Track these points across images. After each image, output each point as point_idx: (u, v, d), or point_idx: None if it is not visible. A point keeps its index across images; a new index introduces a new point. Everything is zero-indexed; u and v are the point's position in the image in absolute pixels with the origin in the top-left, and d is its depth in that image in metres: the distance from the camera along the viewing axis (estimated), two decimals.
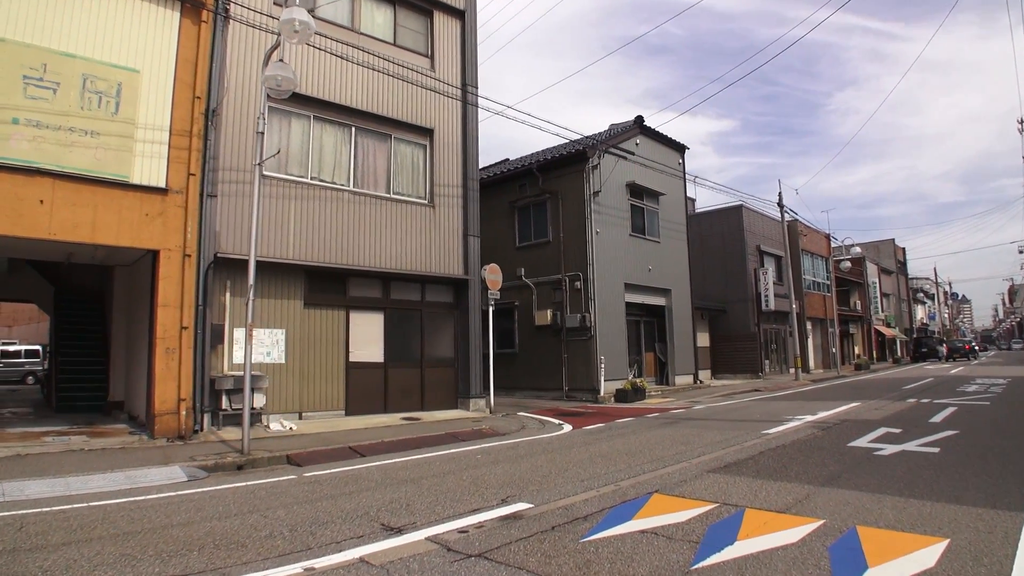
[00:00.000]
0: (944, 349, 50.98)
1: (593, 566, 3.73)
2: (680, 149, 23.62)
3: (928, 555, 3.79)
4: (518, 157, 24.77)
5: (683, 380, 22.22)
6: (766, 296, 29.14)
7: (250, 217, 11.66)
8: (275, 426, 11.23)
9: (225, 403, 11.00)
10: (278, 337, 11.99)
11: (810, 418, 11.33)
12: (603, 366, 17.73)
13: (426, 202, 14.28)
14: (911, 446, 7.67)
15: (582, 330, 18.23)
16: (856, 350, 46.41)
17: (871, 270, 50.49)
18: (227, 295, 11.45)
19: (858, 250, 37.14)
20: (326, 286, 12.79)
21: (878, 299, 51.76)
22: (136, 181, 10.31)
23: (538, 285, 19.57)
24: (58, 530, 4.73)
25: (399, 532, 4.53)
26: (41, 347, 28.33)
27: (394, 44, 14.35)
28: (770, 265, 30.41)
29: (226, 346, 11.41)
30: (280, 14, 9.50)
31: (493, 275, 14.95)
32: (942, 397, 15.00)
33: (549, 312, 18.84)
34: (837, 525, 4.35)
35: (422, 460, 8.08)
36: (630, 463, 7.13)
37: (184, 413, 10.25)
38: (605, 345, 18.31)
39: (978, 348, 63.81)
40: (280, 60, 9.44)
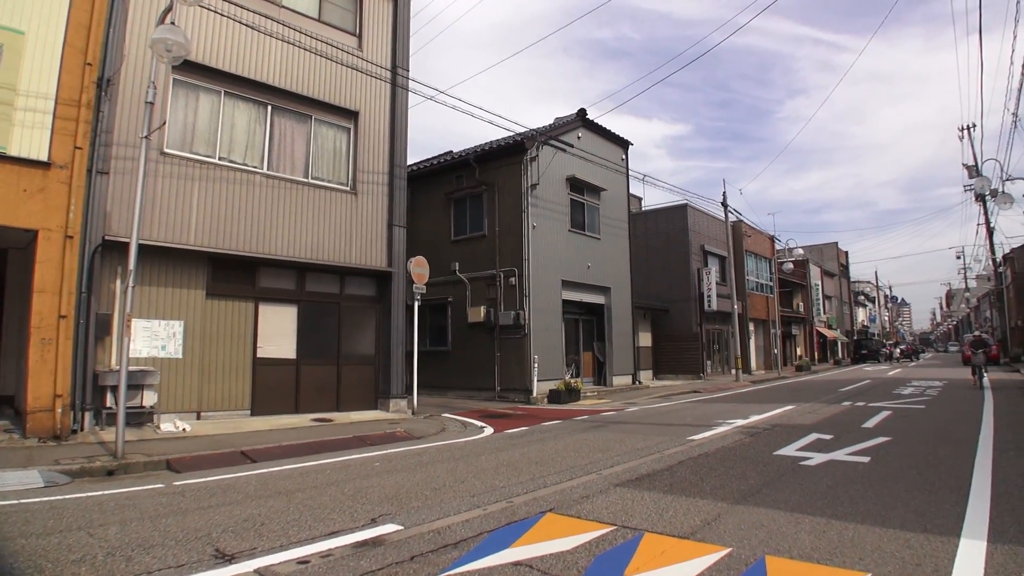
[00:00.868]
0: (896, 351, 52.83)
1: None
2: (624, 145, 23.29)
3: None
4: (462, 150, 24.15)
5: (621, 381, 21.91)
6: (709, 296, 29.11)
7: (149, 198, 10.87)
8: (167, 427, 10.37)
9: (110, 401, 10.10)
10: (175, 329, 11.11)
11: (741, 422, 11.02)
12: (536, 366, 17.25)
13: (348, 189, 13.51)
14: (840, 455, 7.33)
15: (516, 328, 17.69)
16: (798, 351, 47.15)
17: (814, 273, 51.39)
18: (117, 282, 10.52)
19: (800, 252, 37.52)
20: (233, 275, 11.93)
21: (820, 301, 52.76)
22: (14, 153, 9.37)
23: (473, 280, 18.97)
24: None
25: (229, 561, 3.90)
26: None
27: (319, 20, 13.54)
28: (714, 265, 30.41)
29: (115, 338, 10.48)
30: None
31: (419, 268, 14.28)
32: (878, 400, 14.95)
33: (483, 309, 18.25)
34: (745, 555, 3.86)
35: (312, 468, 7.42)
36: (536, 474, 6.60)
37: (60, 411, 9.36)
38: (540, 344, 17.82)
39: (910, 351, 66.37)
40: (172, 23, 8.58)
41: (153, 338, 10.93)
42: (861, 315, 76.34)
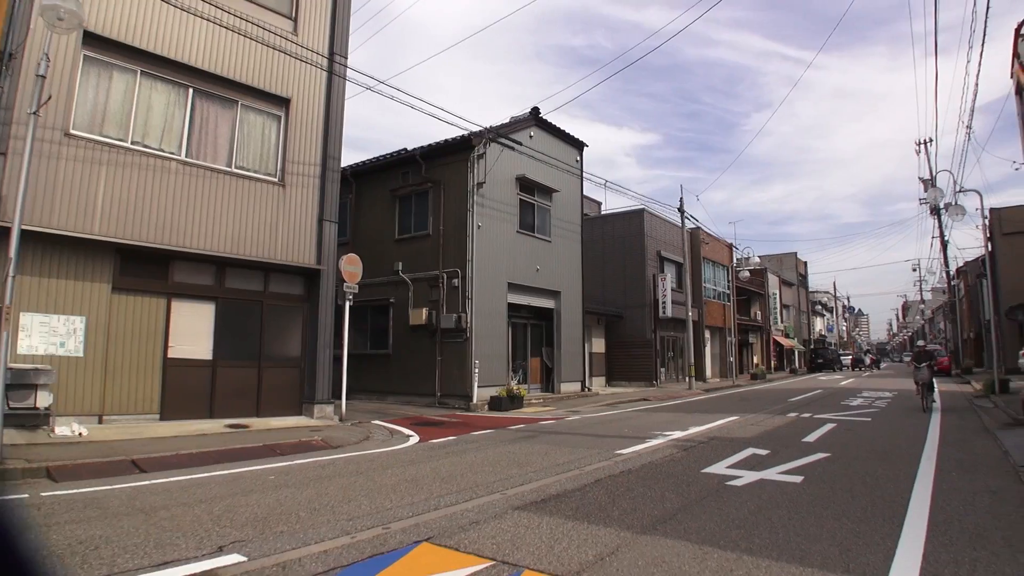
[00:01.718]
0: (867, 359, 53.73)
1: None
2: (579, 146, 22.96)
3: None
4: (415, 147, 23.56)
5: (570, 387, 21.54)
6: (664, 303, 28.97)
7: (50, 182, 10.13)
8: (63, 431, 9.62)
9: None
10: (76, 325, 10.35)
11: (679, 435, 10.67)
12: (477, 371, 16.76)
13: (276, 180, 12.86)
14: (772, 473, 6.97)
15: (457, 332, 17.18)
16: (755, 360, 47.46)
17: (772, 282, 51.86)
18: (10, 271, 9.72)
19: (757, 260, 37.67)
20: (143, 269, 11.20)
21: (778, 310, 53.27)
22: None
23: (416, 281, 18.40)
24: None
25: None
26: None
27: (251, 0, 12.86)
28: (670, 272, 30.32)
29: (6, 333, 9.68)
30: None
31: (351, 266, 13.68)
32: (824, 412, 14.79)
33: (424, 311, 17.70)
34: None
35: (199, 481, 6.83)
36: (437, 492, 6.13)
37: None
38: (482, 348, 17.33)
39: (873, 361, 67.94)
40: None
41: (51, 334, 10.16)
42: (819, 324, 77.46)
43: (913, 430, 11.22)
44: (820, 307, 79.36)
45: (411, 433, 11.66)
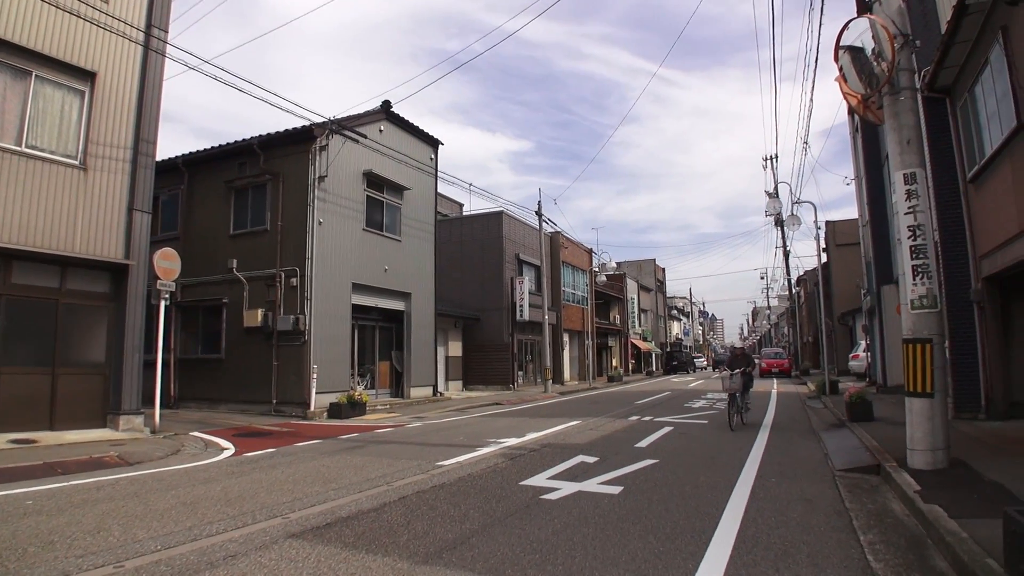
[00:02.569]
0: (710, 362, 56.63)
1: None
2: (433, 144, 22.64)
3: None
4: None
5: (422, 392, 21.11)
6: (521, 306, 29.18)
7: None
8: None
9: None
10: None
11: (513, 442, 10.52)
12: (316, 376, 15.98)
13: (77, 163, 11.57)
14: (592, 484, 6.85)
15: (295, 334, 16.32)
16: (613, 362, 49.06)
17: (631, 287, 53.88)
18: None
19: (614, 265, 38.91)
20: None
21: (636, 314, 55.42)
22: None
23: (252, 280, 17.32)
24: None
25: None
26: None
27: None
28: (528, 275, 30.59)
29: None
30: None
31: (167, 262, 12.59)
32: (666, 415, 15.19)
33: (260, 312, 16.68)
34: None
35: None
36: (209, 517, 5.57)
37: None
38: (323, 352, 16.56)
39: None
40: None
41: None
42: (676, 328, 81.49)
43: (743, 432, 11.67)
44: (677, 312, 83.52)
45: (228, 446, 10.83)
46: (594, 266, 40.21)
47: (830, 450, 9.55)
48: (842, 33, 7.41)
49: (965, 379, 11.45)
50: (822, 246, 34.98)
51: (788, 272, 43.75)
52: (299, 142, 17.20)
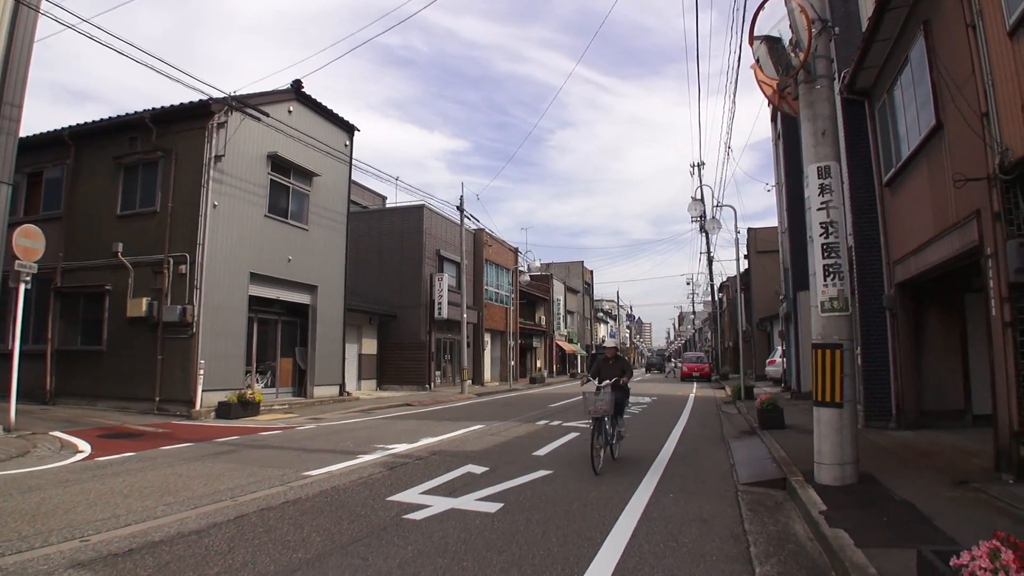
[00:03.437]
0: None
1: None
2: (349, 129, 21.64)
3: None
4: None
5: (327, 392, 20.06)
6: (440, 303, 28.41)
7: None
8: None
9: None
10: None
11: (402, 448, 9.81)
12: (203, 373, 14.83)
13: None
14: (469, 501, 6.18)
15: (182, 326, 15.10)
16: (538, 363, 48.73)
17: (558, 288, 53.70)
18: None
19: (539, 264, 38.53)
20: None
21: (562, 316, 55.28)
22: None
23: (138, 266, 15.98)
24: None
25: None
26: None
27: None
28: (449, 271, 29.79)
29: None
30: None
31: (28, 240, 11.31)
32: (576, 419, 14.71)
33: (145, 301, 15.40)
34: None
35: None
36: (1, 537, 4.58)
37: None
38: (213, 346, 15.41)
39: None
40: None
41: None
42: (603, 331, 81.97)
43: (652, 440, 11.28)
44: (603, 314, 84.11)
45: (86, 448, 9.75)
46: (520, 265, 39.73)
47: (737, 460, 9.20)
48: (758, 13, 6.97)
49: (876, 387, 11.36)
50: (743, 253, 35.72)
51: (711, 277, 44.35)
52: (195, 117, 15.92)
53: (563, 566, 4.30)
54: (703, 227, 38.32)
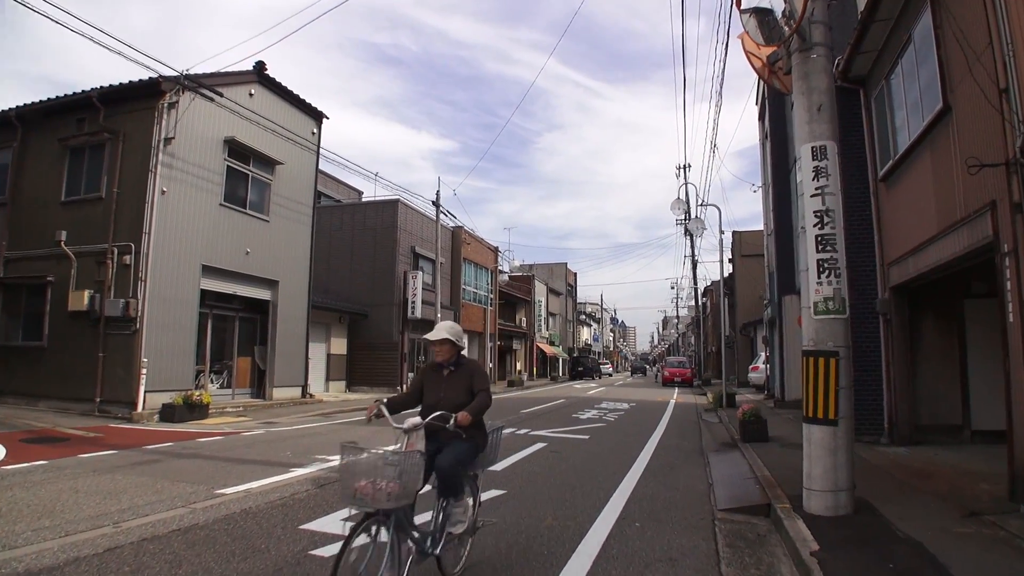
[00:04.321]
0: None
1: None
2: (317, 116, 20.65)
3: None
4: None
5: (288, 393, 19.04)
6: (414, 302, 27.44)
7: None
8: None
9: None
10: None
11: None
12: (146, 371, 13.81)
13: None
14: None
15: (125, 321, 14.08)
16: (518, 366, 47.83)
17: (540, 289, 52.85)
18: None
19: (518, 264, 37.70)
20: None
21: (544, 318, 54.43)
22: None
23: (82, 256, 14.96)
24: None
25: None
26: None
27: None
28: (425, 269, 28.81)
29: None
30: None
31: None
32: (548, 427, 13.89)
33: (86, 294, 14.37)
34: None
35: None
36: None
37: None
38: (159, 343, 14.41)
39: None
40: None
41: None
42: (585, 334, 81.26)
43: (624, 452, 10.43)
44: (587, 317, 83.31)
45: (1, 452, 8.74)
46: (499, 265, 38.87)
47: (716, 479, 8.31)
48: None
49: (867, 399, 10.52)
50: (728, 256, 35.08)
51: (695, 281, 43.68)
52: (144, 97, 14.89)
53: None
54: (687, 229, 37.73)
